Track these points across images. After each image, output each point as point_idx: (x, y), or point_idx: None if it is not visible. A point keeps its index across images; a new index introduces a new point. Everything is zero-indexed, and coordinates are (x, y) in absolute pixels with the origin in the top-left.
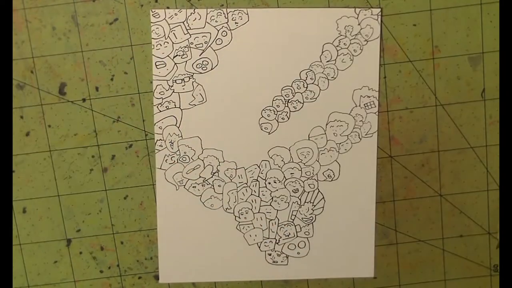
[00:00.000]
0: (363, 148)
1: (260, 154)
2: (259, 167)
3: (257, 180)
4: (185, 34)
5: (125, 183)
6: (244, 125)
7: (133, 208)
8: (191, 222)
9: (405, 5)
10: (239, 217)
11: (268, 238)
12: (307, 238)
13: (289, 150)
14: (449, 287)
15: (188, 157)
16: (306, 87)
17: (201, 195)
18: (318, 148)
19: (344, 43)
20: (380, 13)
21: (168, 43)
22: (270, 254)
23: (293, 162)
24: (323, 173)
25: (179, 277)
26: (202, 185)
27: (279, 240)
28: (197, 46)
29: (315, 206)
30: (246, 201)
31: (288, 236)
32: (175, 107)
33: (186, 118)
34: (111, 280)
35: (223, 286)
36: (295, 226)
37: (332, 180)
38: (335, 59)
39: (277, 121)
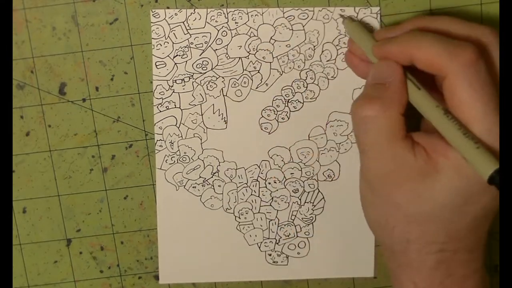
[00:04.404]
0: None
1: (260, 154)
2: (259, 167)
3: (257, 180)
4: (185, 34)
5: (125, 183)
6: (244, 125)
7: (133, 208)
8: (191, 222)
9: (405, 5)
10: (239, 217)
11: (268, 238)
12: (307, 238)
13: (289, 150)
14: None
15: (188, 157)
16: (306, 87)
17: (201, 195)
18: (318, 148)
19: (344, 42)
20: (379, 12)
21: (168, 43)
22: (270, 254)
23: (293, 162)
24: (323, 173)
25: (179, 277)
26: (202, 185)
27: (279, 240)
28: (197, 46)
29: (315, 206)
30: (246, 201)
31: (288, 236)
32: (175, 107)
33: (186, 118)
34: (111, 280)
35: (223, 286)
36: (295, 226)
37: (332, 180)
38: (335, 59)
39: (277, 121)
